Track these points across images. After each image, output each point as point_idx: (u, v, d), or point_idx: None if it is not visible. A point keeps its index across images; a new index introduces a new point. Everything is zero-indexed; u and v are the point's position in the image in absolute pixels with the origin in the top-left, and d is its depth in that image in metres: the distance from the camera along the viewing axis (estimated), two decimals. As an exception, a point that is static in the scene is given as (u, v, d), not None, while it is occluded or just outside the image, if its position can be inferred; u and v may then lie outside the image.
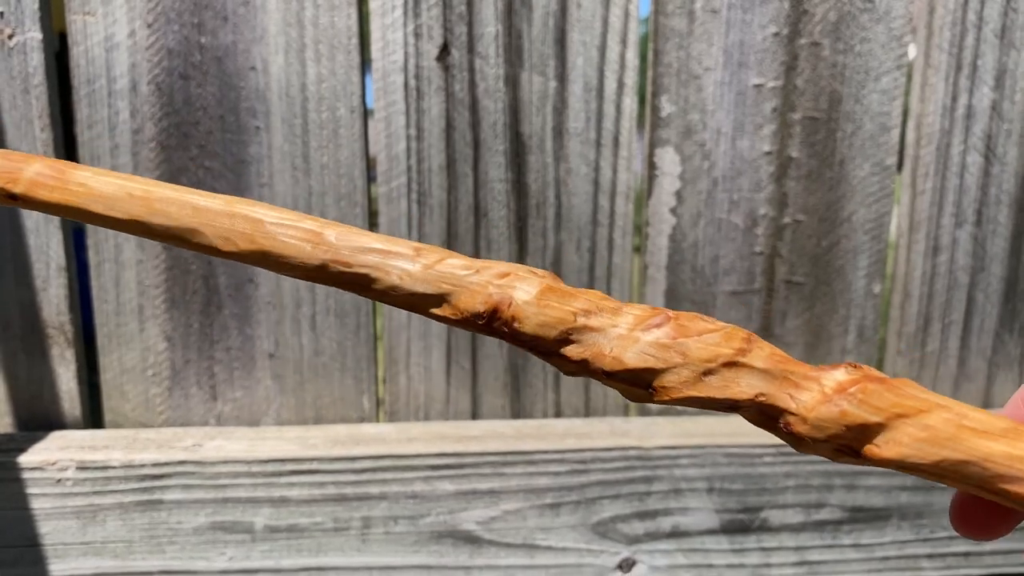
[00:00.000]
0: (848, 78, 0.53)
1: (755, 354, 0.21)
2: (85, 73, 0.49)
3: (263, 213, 0.22)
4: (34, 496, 0.48)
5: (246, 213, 0.22)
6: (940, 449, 0.20)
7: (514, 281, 0.22)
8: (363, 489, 0.50)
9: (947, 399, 0.20)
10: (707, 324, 0.22)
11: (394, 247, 0.22)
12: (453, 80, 0.51)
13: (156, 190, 0.23)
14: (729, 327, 0.22)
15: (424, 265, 0.22)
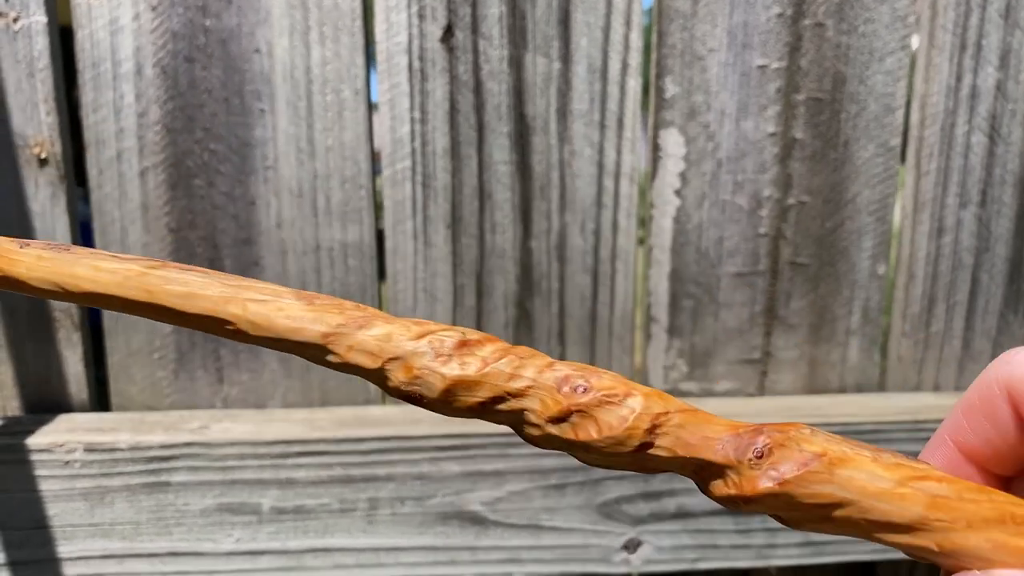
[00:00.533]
0: (852, 59, 0.53)
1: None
2: (90, 56, 0.49)
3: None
4: (42, 478, 0.48)
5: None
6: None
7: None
8: (370, 470, 0.50)
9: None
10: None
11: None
12: (457, 62, 0.51)
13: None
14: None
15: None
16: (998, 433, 0.20)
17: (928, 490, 0.19)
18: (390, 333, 0.21)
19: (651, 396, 0.20)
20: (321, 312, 0.21)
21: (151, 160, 0.50)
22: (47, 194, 0.50)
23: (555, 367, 0.21)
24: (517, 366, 0.21)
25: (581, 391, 0.20)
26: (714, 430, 0.20)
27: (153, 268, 0.22)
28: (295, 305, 0.21)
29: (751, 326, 0.56)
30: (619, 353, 0.55)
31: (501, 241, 0.53)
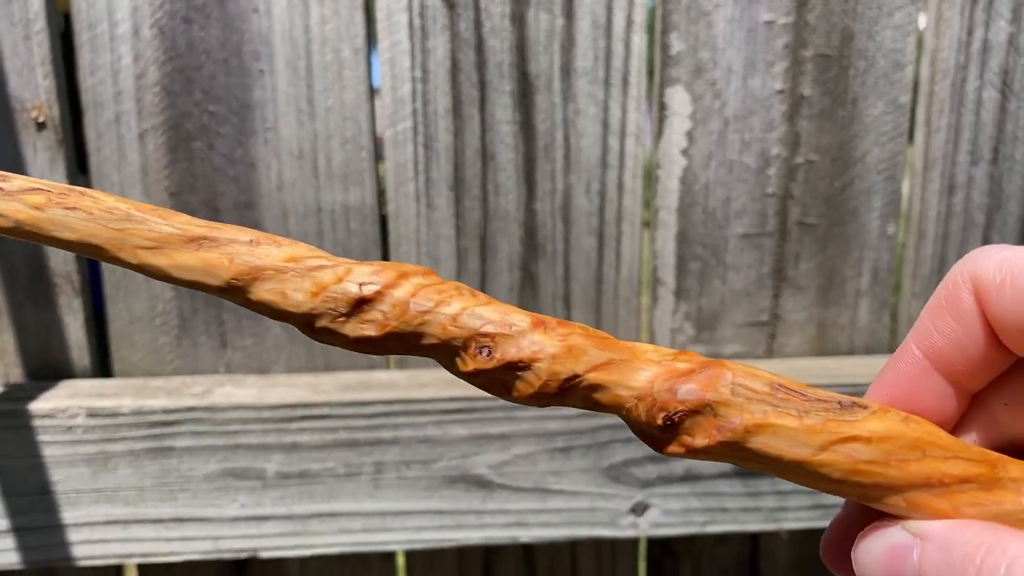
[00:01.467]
0: (860, 14, 0.52)
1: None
2: (86, 17, 0.48)
3: None
4: (45, 444, 0.48)
5: None
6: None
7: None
8: (375, 434, 0.50)
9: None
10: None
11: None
12: (458, 19, 0.50)
13: None
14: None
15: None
16: (964, 332, 0.19)
17: (852, 454, 0.19)
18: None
19: (559, 359, 0.19)
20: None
21: (150, 122, 0.50)
22: (45, 159, 0.49)
23: (463, 319, 0.20)
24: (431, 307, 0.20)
25: (486, 354, 0.20)
26: (628, 389, 0.20)
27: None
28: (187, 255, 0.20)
29: (759, 288, 0.55)
30: (625, 316, 0.55)
31: (504, 203, 0.52)
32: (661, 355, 0.20)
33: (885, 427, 0.19)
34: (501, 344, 0.20)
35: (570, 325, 0.20)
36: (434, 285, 0.20)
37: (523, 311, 0.20)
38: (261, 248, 0.20)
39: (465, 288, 0.21)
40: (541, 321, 0.20)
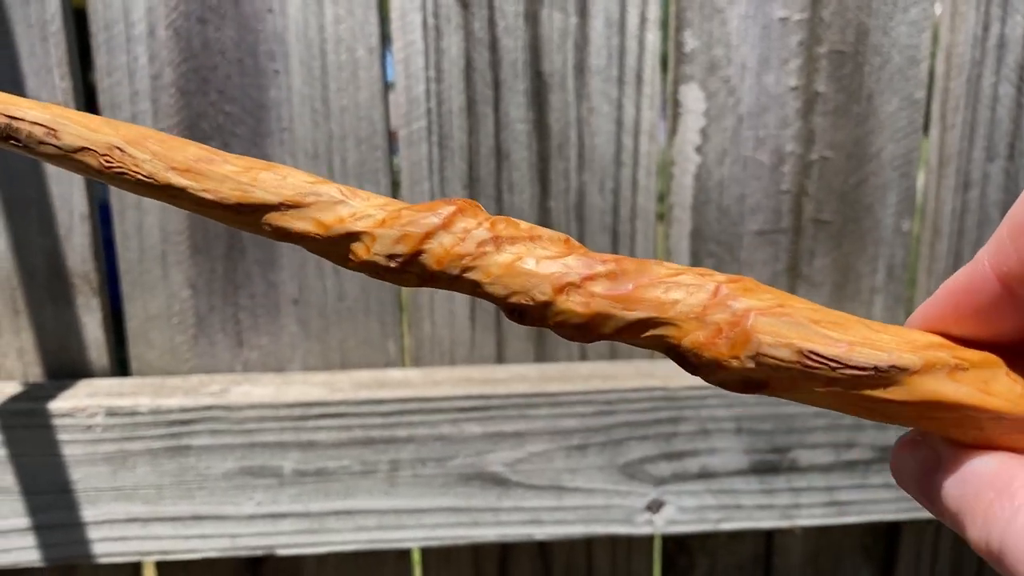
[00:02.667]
0: (875, 9, 0.52)
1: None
2: (103, 18, 0.49)
3: None
4: (65, 443, 0.49)
5: None
6: None
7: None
8: (390, 432, 0.50)
9: None
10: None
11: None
12: (472, 18, 0.50)
13: None
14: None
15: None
16: None
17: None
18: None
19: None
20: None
21: (166, 123, 0.50)
22: (63, 159, 0.50)
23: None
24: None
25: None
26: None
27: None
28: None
29: (774, 285, 0.55)
30: (640, 313, 0.55)
31: (519, 201, 0.53)
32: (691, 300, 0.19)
33: (931, 389, 0.18)
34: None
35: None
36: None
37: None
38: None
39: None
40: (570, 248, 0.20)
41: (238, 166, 0.20)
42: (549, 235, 0.20)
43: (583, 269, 0.19)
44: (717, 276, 0.19)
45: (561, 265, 0.19)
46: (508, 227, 0.20)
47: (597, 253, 0.20)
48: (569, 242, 0.20)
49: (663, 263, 0.20)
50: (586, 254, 0.20)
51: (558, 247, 0.20)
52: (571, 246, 0.20)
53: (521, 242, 0.20)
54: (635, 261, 0.20)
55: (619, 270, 0.19)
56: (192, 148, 0.21)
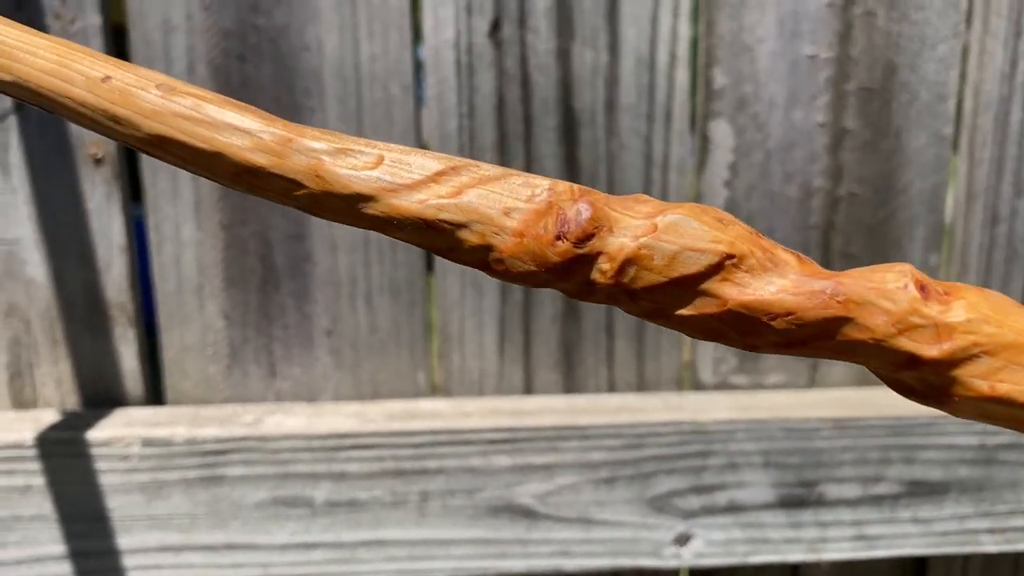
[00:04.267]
0: (903, 47, 0.52)
1: None
2: (144, 56, 0.50)
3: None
4: (102, 472, 0.49)
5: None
6: None
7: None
8: (421, 463, 0.50)
9: None
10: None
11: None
12: (504, 56, 0.51)
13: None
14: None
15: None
16: None
17: None
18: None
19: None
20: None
21: (204, 158, 0.51)
22: (103, 193, 0.51)
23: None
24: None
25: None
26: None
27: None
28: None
29: (801, 318, 0.55)
30: (667, 346, 0.55)
31: (549, 235, 0.53)
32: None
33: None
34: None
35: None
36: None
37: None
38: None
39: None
40: None
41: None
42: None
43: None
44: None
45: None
46: None
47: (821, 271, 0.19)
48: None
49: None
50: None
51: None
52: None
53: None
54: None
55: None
56: None
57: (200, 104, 0.20)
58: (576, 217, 0.19)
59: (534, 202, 0.19)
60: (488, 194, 0.19)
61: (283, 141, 0.20)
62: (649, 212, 0.19)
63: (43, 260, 0.51)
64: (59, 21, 0.49)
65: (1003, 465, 0.53)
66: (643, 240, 0.18)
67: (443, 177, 0.19)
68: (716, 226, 0.18)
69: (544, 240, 0.19)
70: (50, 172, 0.50)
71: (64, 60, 0.21)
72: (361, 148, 0.20)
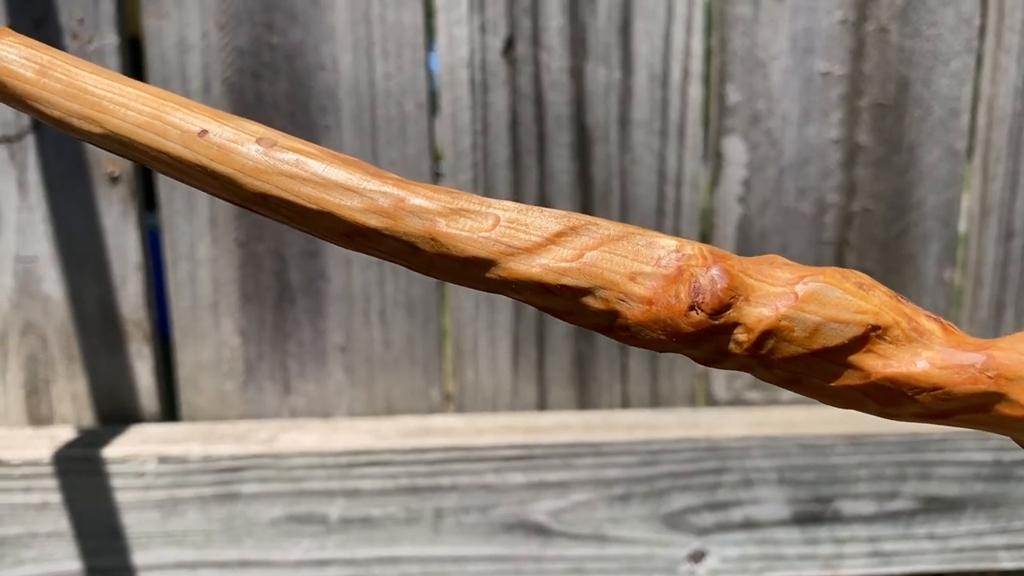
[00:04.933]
0: (916, 63, 0.52)
1: None
2: (160, 74, 0.50)
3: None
4: (117, 489, 0.49)
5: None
6: None
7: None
8: (435, 480, 0.50)
9: None
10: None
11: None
12: (518, 74, 0.51)
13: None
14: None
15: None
16: None
17: None
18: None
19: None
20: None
21: (219, 175, 0.51)
22: (119, 211, 0.51)
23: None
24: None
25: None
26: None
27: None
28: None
29: (815, 334, 0.55)
30: (681, 362, 0.55)
31: (562, 251, 0.53)
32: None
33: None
34: None
35: None
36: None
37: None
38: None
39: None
40: None
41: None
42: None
43: None
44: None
45: None
46: None
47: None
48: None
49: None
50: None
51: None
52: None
53: None
54: None
55: None
56: None
57: (304, 161, 0.19)
58: (711, 287, 0.18)
59: (662, 266, 0.18)
60: (611, 257, 0.18)
61: (396, 201, 0.19)
62: (788, 279, 0.18)
63: (60, 277, 0.51)
64: (77, 41, 0.49)
65: (1020, 481, 0.53)
66: (784, 311, 0.17)
67: (563, 238, 0.18)
68: (859, 294, 0.17)
69: (676, 310, 0.18)
70: (67, 191, 0.51)
71: (157, 112, 0.20)
72: (476, 207, 0.19)
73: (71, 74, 0.20)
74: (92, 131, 0.20)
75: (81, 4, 0.49)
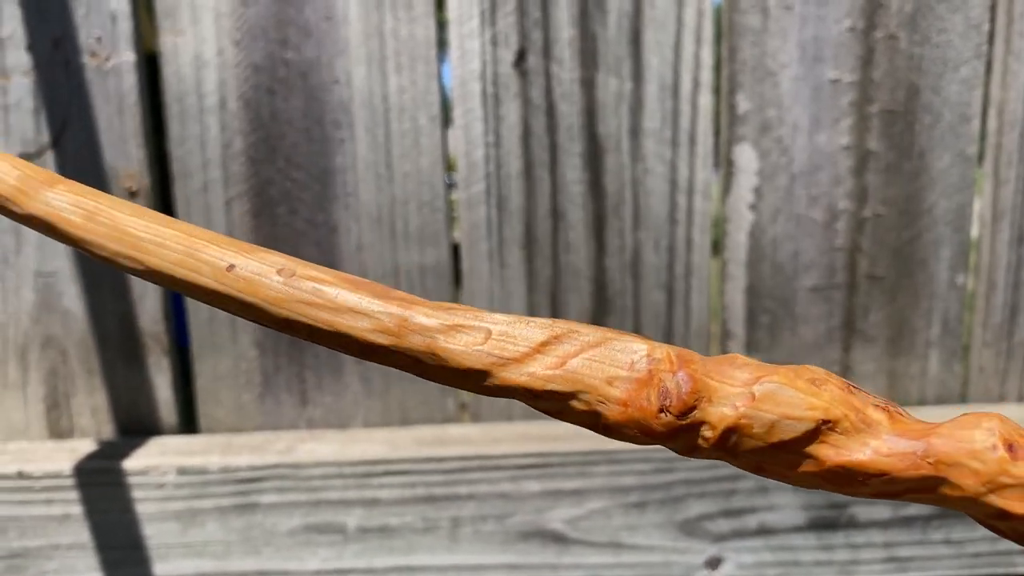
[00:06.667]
0: (926, 69, 0.53)
1: None
2: (176, 91, 0.51)
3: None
4: (138, 500, 0.50)
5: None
6: None
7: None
8: (452, 489, 0.51)
9: None
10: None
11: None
12: (530, 86, 0.51)
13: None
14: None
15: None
16: None
17: None
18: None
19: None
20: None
21: (235, 190, 0.52)
22: (137, 225, 0.52)
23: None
24: None
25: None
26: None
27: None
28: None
29: (829, 340, 0.55)
30: (695, 369, 0.55)
31: (575, 260, 0.54)
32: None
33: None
34: None
35: None
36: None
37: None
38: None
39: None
40: None
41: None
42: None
43: None
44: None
45: None
46: None
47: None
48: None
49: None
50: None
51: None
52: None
53: None
54: None
55: None
56: None
57: (320, 289, 0.21)
58: (677, 391, 0.19)
59: (635, 370, 0.20)
60: (591, 364, 0.20)
61: (400, 322, 0.21)
62: (746, 380, 0.20)
63: (79, 292, 0.52)
64: (95, 59, 0.50)
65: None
66: (742, 410, 0.19)
67: (548, 347, 0.20)
68: (810, 391, 0.19)
69: (648, 412, 0.20)
70: (86, 206, 0.51)
71: (190, 250, 0.22)
72: (471, 322, 0.21)
73: (114, 218, 0.23)
74: (136, 268, 0.22)
75: (99, 23, 0.50)
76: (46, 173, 0.24)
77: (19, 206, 0.24)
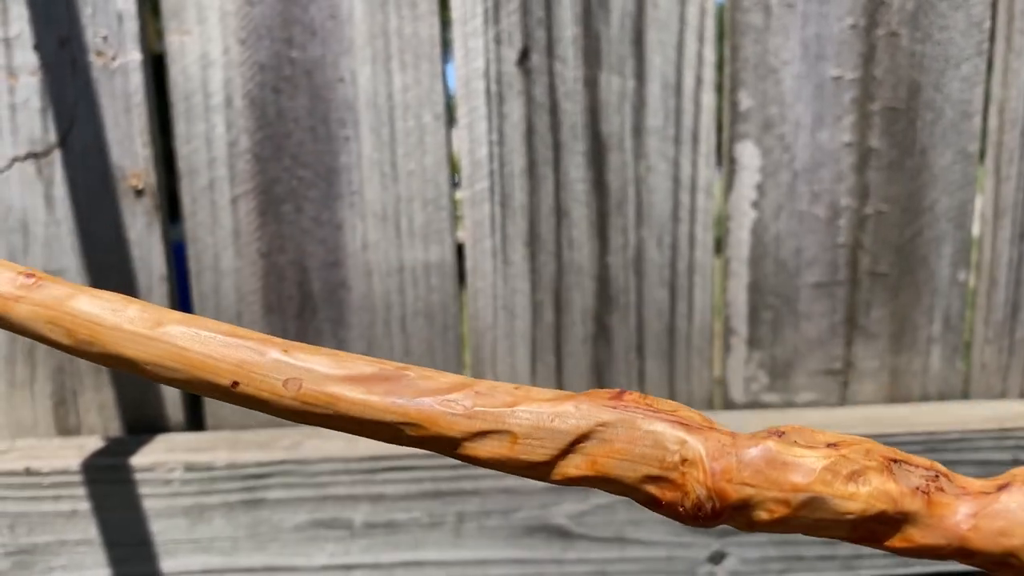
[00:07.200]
0: (927, 67, 0.53)
1: None
2: (182, 90, 0.51)
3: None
4: (145, 496, 0.50)
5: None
6: None
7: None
8: (457, 484, 0.51)
9: None
10: None
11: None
12: (533, 84, 0.52)
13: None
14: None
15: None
16: None
17: None
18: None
19: None
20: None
21: (241, 188, 0.52)
22: (143, 223, 0.52)
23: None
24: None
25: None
26: None
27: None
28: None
29: (832, 336, 0.56)
30: (698, 365, 0.56)
31: (578, 257, 0.54)
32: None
33: None
34: None
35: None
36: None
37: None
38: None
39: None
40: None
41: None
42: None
43: None
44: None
45: None
46: None
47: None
48: None
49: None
50: None
51: None
52: None
53: None
54: None
55: None
56: None
57: (333, 405, 0.22)
58: (712, 505, 0.21)
59: (666, 468, 0.21)
60: (621, 463, 0.21)
61: (420, 431, 0.22)
62: (784, 486, 0.20)
63: (87, 290, 0.53)
64: (101, 58, 0.50)
65: (1037, 480, 0.53)
66: (778, 516, 0.20)
67: (577, 446, 0.21)
68: (847, 494, 0.20)
69: (683, 514, 0.21)
70: (93, 204, 0.52)
71: (193, 374, 0.23)
72: (492, 426, 0.22)
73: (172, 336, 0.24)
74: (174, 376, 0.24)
75: (105, 23, 0.50)
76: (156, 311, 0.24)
77: None
